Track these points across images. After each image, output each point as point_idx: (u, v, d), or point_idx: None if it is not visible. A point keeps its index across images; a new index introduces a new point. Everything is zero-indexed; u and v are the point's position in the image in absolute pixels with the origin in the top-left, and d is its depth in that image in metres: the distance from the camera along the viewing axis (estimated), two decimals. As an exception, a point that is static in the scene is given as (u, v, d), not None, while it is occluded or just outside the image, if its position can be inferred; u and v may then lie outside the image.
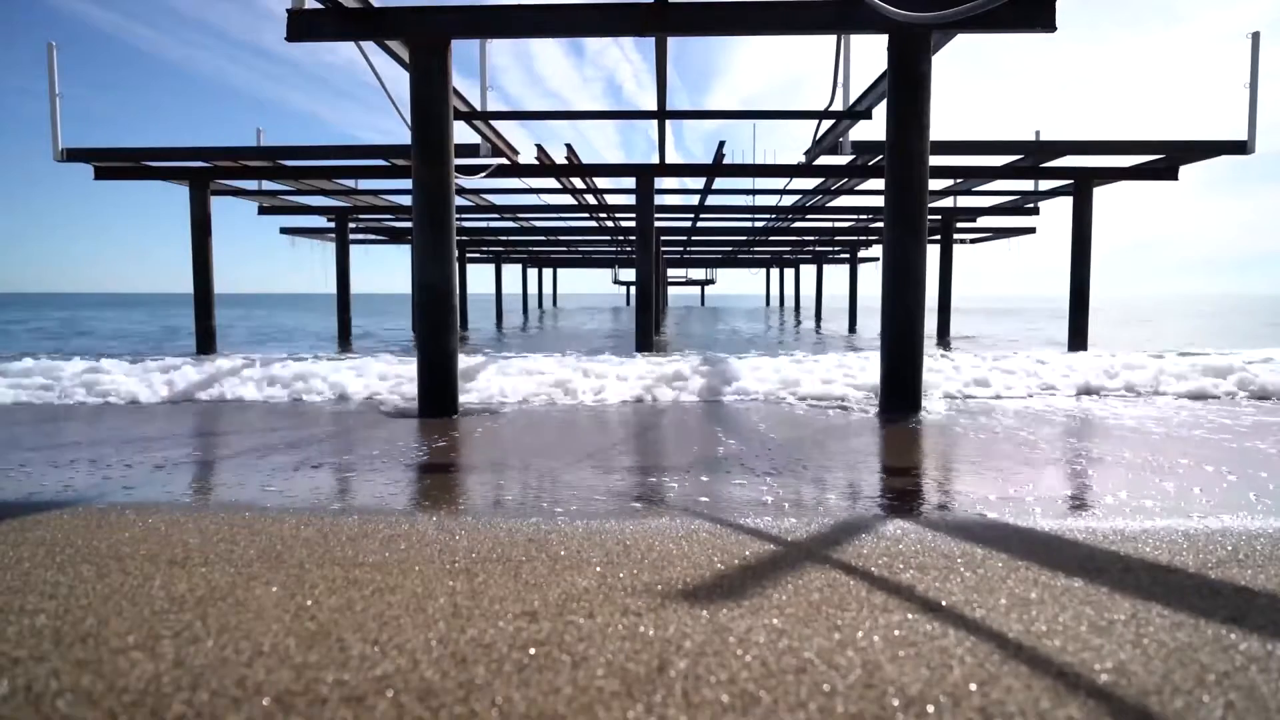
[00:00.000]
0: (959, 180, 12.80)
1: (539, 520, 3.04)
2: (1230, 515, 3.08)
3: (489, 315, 32.01)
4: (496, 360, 9.10)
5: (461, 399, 6.50)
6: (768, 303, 45.53)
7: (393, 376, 7.89)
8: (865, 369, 8.05)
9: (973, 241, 21.89)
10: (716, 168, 11.52)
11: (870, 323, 21.93)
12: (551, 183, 12.60)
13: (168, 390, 7.36)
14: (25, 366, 8.38)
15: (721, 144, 10.66)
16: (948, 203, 16.00)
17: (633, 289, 34.44)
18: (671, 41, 7.10)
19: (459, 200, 13.79)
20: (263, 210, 16.01)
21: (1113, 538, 2.76)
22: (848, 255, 27.55)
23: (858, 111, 8.19)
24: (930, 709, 1.55)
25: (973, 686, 1.64)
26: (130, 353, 10.90)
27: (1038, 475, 4.02)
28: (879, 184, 12.23)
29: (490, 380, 7.59)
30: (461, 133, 7.76)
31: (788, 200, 14.98)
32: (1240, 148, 9.71)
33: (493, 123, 9.01)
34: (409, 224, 18.28)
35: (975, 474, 4.05)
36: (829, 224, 19.34)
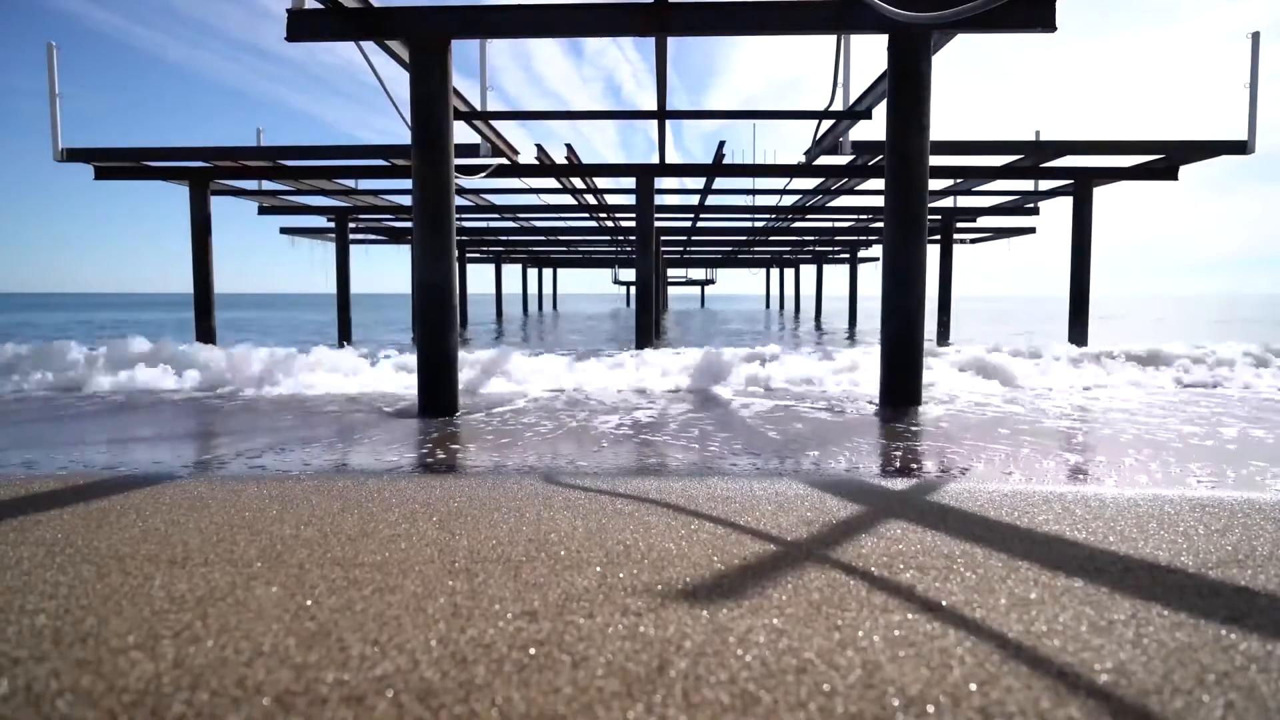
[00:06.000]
0: (959, 180, 12.80)
1: (540, 520, 3.04)
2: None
3: (489, 314, 31.96)
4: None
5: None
6: (768, 304, 45.60)
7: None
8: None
9: (973, 241, 21.89)
10: (716, 168, 11.52)
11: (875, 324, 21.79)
12: (551, 183, 12.59)
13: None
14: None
15: (721, 144, 10.65)
16: (948, 203, 16.00)
17: (633, 289, 34.44)
18: (671, 41, 7.10)
19: (459, 200, 13.80)
20: (263, 210, 16.00)
21: (1112, 539, 2.76)
22: (848, 255, 27.57)
23: (858, 111, 8.19)
24: (930, 709, 1.55)
25: (973, 686, 1.64)
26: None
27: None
28: (879, 184, 12.23)
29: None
30: (461, 132, 7.76)
31: (788, 200, 14.98)
32: (1240, 148, 9.71)
33: (493, 122, 9.01)
34: (409, 224, 18.27)
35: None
36: (829, 224, 19.34)
